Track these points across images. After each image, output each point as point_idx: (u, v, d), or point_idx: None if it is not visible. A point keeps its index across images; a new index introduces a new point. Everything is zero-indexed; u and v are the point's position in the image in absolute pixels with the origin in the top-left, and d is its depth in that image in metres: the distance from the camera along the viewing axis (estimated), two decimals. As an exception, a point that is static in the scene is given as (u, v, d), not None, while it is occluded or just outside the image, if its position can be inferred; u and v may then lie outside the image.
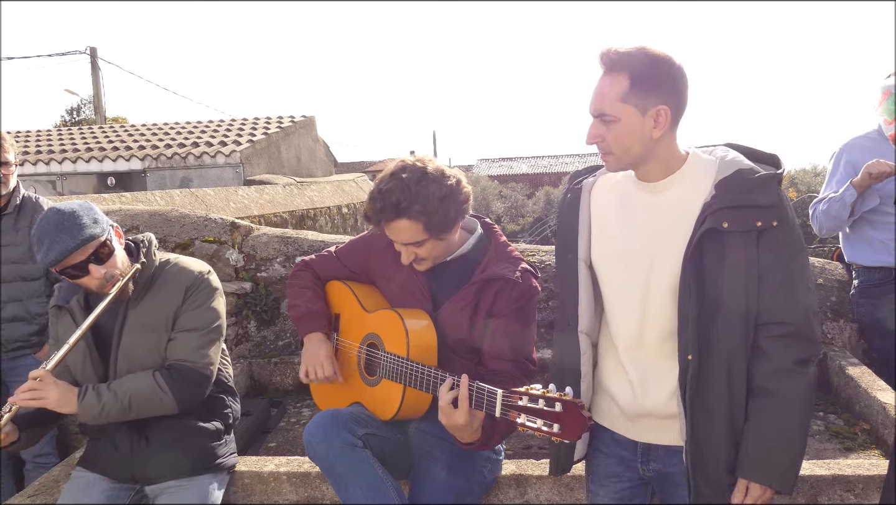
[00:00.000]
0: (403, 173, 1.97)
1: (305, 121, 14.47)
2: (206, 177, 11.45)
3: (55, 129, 15.88)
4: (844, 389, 3.18)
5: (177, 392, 2.12)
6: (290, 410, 3.47)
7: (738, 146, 1.75)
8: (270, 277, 4.03)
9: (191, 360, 2.17)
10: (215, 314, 2.26)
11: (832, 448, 2.80)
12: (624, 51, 1.59)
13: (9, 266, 3.03)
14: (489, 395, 1.69)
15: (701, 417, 1.62)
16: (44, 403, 2.01)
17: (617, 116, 1.60)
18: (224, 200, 7.03)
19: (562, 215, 1.88)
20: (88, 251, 2.04)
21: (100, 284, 2.09)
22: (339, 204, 10.10)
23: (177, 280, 2.22)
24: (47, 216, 2.05)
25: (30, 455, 3.19)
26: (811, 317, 1.62)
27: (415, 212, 1.93)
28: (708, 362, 1.61)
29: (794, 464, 1.62)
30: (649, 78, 1.58)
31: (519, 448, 2.95)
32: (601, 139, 1.64)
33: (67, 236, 2.00)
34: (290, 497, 2.39)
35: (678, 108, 1.63)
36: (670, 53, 1.60)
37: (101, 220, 2.10)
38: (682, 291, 1.61)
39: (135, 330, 2.17)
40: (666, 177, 1.68)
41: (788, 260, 1.59)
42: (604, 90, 1.61)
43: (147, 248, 2.25)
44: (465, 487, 2.11)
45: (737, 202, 1.57)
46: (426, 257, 2.06)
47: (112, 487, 2.22)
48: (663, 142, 1.64)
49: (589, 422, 1.52)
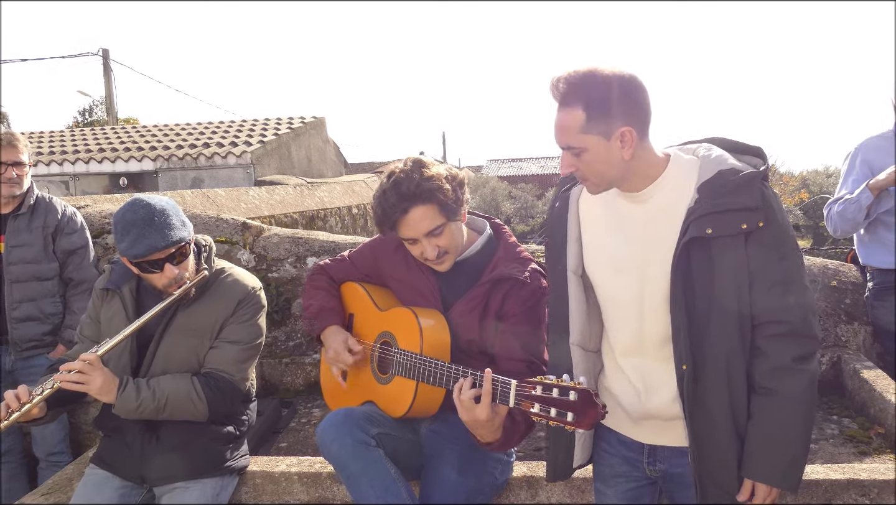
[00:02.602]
0: (398, 172, 2.02)
1: (316, 121, 14.52)
2: (217, 177, 11.50)
3: (68, 130, 16.01)
4: (859, 392, 3.14)
5: (211, 401, 2.14)
6: (301, 411, 3.48)
7: (721, 140, 1.72)
8: (281, 278, 4.04)
9: (229, 372, 2.20)
10: (259, 331, 2.29)
11: (846, 452, 2.77)
12: (573, 80, 1.55)
13: (23, 266, 3.05)
14: (503, 385, 1.69)
15: (702, 421, 1.61)
16: (87, 387, 2.01)
17: (584, 147, 1.57)
18: (235, 201, 7.05)
19: (550, 226, 1.86)
20: (170, 251, 2.07)
21: (168, 283, 2.11)
22: (350, 204, 10.12)
23: (231, 291, 2.24)
24: (135, 207, 2.06)
25: (43, 453, 3.22)
26: (808, 314, 1.59)
27: (426, 196, 1.97)
28: (704, 369, 1.60)
29: (798, 461, 1.61)
30: (603, 104, 1.53)
31: (530, 450, 2.94)
32: (575, 168, 1.63)
33: (157, 234, 2.03)
34: (301, 497, 2.39)
35: (642, 123, 1.59)
36: (620, 70, 1.55)
37: (187, 223, 2.14)
38: (673, 300, 1.60)
39: (179, 332, 2.19)
40: (648, 185, 1.66)
41: (780, 259, 1.57)
42: (563, 124, 1.58)
43: (208, 253, 2.28)
44: (475, 487, 2.11)
45: (719, 206, 1.54)
46: (448, 248, 2.06)
47: (124, 485, 2.23)
48: (636, 158, 1.61)
49: (603, 410, 1.51)
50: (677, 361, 1.62)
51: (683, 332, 1.59)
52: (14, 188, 3.04)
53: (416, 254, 2.10)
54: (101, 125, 20.94)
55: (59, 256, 3.15)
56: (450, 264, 2.11)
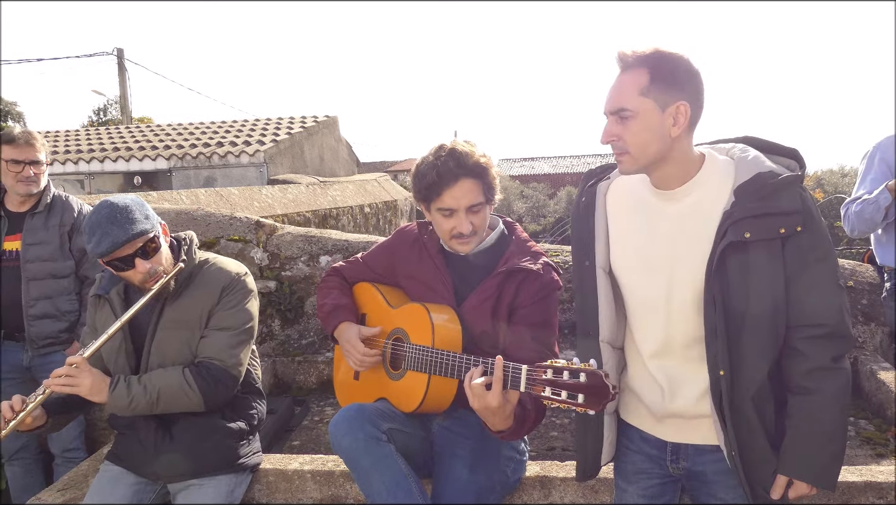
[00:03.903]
0: (453, 146, 2.10)
1: (328, 121, 14.54)
2: (230, 176, 11.55)
3: (83, 130, 16.12)
4: (876, 393, 3.11)
5: (204, 390, 2.14)
6: (314, 409, 3.49)
7: (755, 140, 1.70)
8: (295, 276, 4.05)
9: (220, 358, 2.20)
10: (248, 315, 2.29)
11: (863, 454, 2.75)
12: (641, 50, 1.57)
13: (40, 264, 3.07)
14: (514, 370, 1.70)
15: (741, 425, 1.60)
16: (77, 389, 2.03)
17: (636, 111, 1.56)
18: (248, 200, 7.08)
19: (577, 220, 1.85)
20: (137, 245, 2.09)
21: (143, 278, 2.13)
22: (362, 203, 10.14)
23: (214, 280, 2.25)
24: (100, 208, 2.09)
25: (59, 450, 3.24)
26: (844, 314, 1.59)
27: (478, 171, 2.07)
28: (739, 374, 1.59)
29: (836, 459, 1.60)
30: (669, 73, 1.55)
31: (542, 449, 2.93)
32: (617, 138, 1.60)
33: (119, 229, 2.05)
34: (314, 495, 2.39)
35: (697, 108, 1.59)
36: (688, 55, 1.57)
37: (151, 217, 2.15)
38: (708, 305, 1.59)
39: (169, 326, 2.20)
40: (683, 183, 1.64)
41: (816, 262, 1.56)
42: (623, 85, 1.58)
43: (188, 246, 2.29)
44: (487, 485, 2.11)
45: (757, 210, 1.53)
46: (478, 228, 2.12)
47: (138, 481, 2.25)
48: (680, 143, 1.60)
49: (614, 391, 1.51)
50: (712, 366, 1.60)
51: (720, 336, 1.57)
52: (31, 187, 3.07)
53: (446, 228, 2.11)
54: (115, 124, 21.09)
55: (75, 253, 3.17)
56: (472, 247, 2.14)
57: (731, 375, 1.58)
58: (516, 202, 27.27)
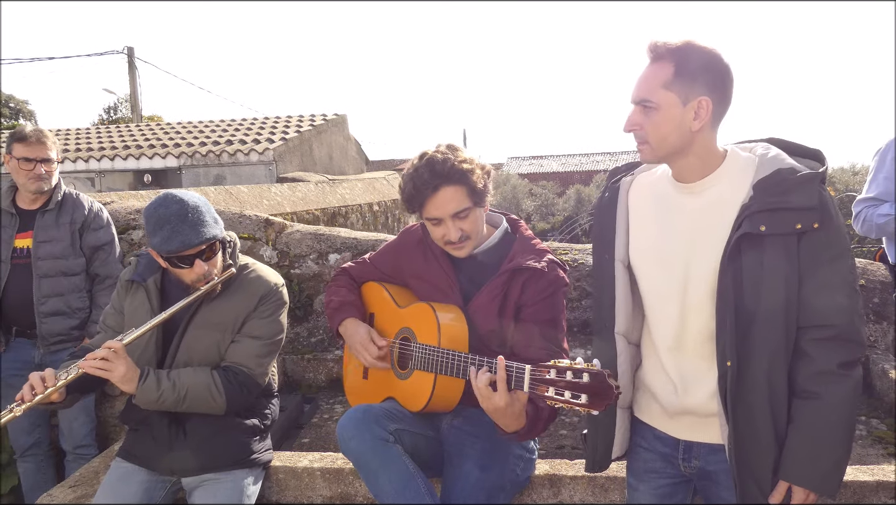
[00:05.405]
0: (432, 153, 2.06)
1: (337, 119, 14.57)
2: (239, 174, 11.59)
3: (93, 128, 16.20)
4: (888, 392, 3.09)
5: (230, 395, 2.17)
6: (323, 407, 3.49)
7: (779, 141, 1.70)
8: (304, 274, 4.05)
9: (249, 366, 2.22)
10: (280, 327, 2.31)
11: (875, 453, 2.73)
12: (672, 42, 1.58)
13: (51, 261, 3.09)
14: (517, 370, 1.70)
15: (743, 420, 1.60)
16: (110, 375, 2.03)
17: (658, 104, 1.58)
18: (258, 198, 7.10)
19: (599, 215, 1.86)
20: (202, 248, 2.10)
21: (196, 278, 2.14)
22: (371, 201, 10.15)
23: (253, 287, 2.27)
24: (167, 203, 2.09)
25: (70, 446, 3.27)
26: (855, 319, 1.56)
27: (457, 177, 2.01)
28: (747, 367, 1.58)
29: (839, 467, 1.58)
30: (695, 68, 1.56)
31: (552, 448, 2.93)
32: (639, 127, 1.63)
33: (191, 230, 2.06)
34: (324, 493, 2.40)
35: (721, 103, 1.60)
36: (719, 50, 1.58)
37: (219, 221, 2.17)
38: (720, 296, 1.58)
39: (202, 325, 2.22)
40: (704, 176, 1.65)
41: (830, 261, 1.54)
42: (648, 77, 1.60)
43: (233, 250, 2.30)
44: (497, 484, 2.11)
45: (775, 204, 1.53)
46: (470, 233, 2.09)
47: (150, 477, 2.26)
48: (702, 136, 1.61)
49: (617, 392, 1.51)
50: (720, 358, 1.60)
51: (729, 328, 1.57)
52: (42, 184, 3.09)
53: (437, 236, 2.12)
54: (125, 122, 21.22)
55: (85, 251, 3.19)
56: (469, 250, 2.13)
57: (737, 367, 1.58)
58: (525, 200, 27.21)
